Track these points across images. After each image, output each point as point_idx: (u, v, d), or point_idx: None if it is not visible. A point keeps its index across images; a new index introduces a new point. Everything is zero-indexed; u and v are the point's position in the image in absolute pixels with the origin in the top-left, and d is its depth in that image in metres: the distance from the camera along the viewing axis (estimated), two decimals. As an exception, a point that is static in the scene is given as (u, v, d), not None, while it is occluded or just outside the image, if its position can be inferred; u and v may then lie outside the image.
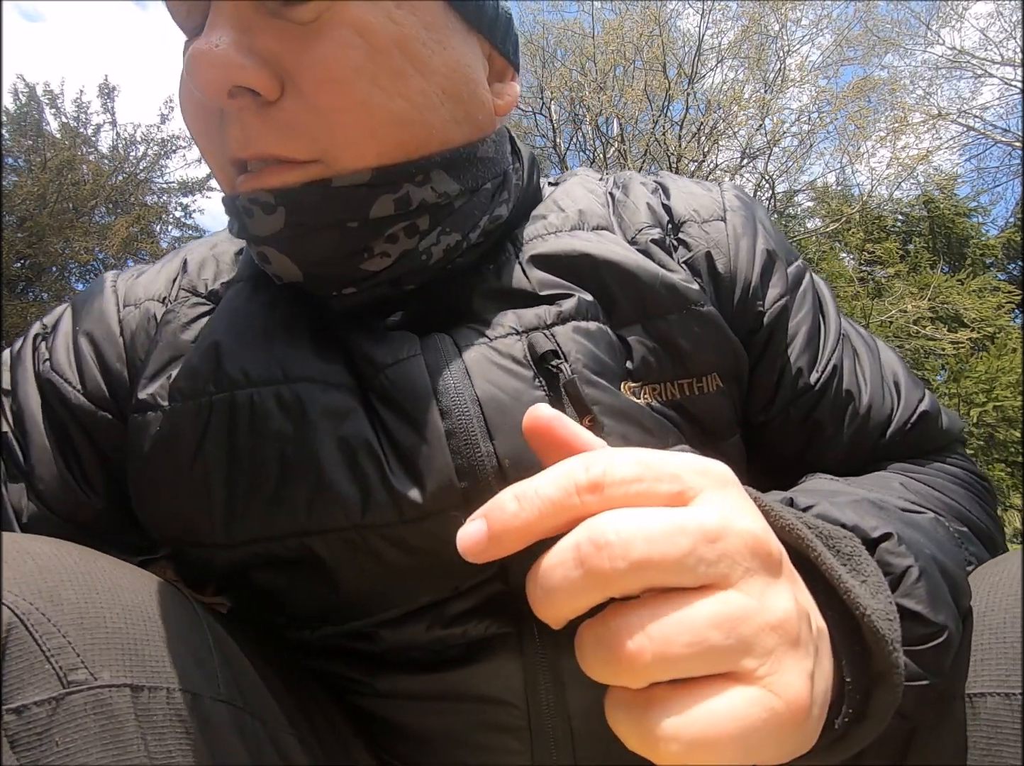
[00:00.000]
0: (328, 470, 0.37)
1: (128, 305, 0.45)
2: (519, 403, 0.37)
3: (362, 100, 0.36)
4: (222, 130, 0.37)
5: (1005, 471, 4.92)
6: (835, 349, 0.48)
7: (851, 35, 8.73)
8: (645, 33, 8.23)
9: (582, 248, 0.43)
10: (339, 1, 0.35)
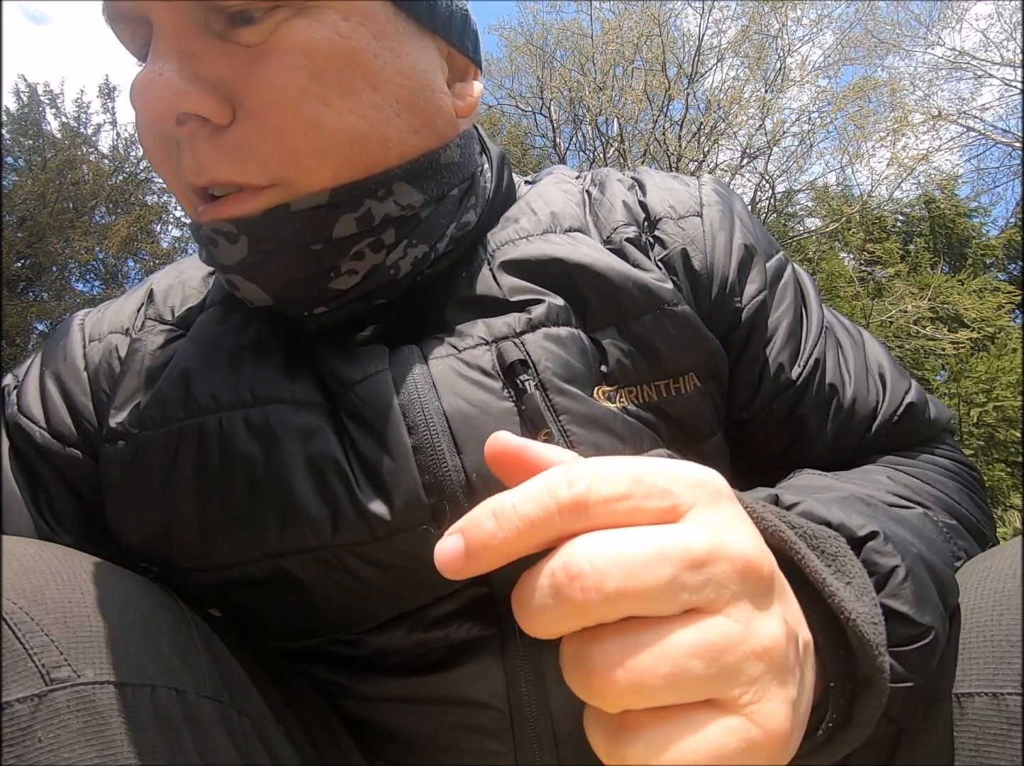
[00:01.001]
0: (297, 491, 0.37)
1: (93, 340, 0.45)
2: (487, 415, 0.37)
3: (311, 121, 0.35)
4: (179, 162, 0.36)
5: (1005, 471, 4.89)
6: (817, 342, 0.47)
7: (852, 36, 8.72)
8: (645, 33, 8.22)
9: (553, 252, 0.42)
10: (284, 22, 0.34)
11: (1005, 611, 0.31)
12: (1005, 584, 0.32)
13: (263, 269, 0.38)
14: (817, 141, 8.24)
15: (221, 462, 0.38)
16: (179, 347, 0.42)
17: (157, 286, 0.47)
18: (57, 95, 13.64)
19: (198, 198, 0.38)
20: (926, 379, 6.53)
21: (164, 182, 0.39)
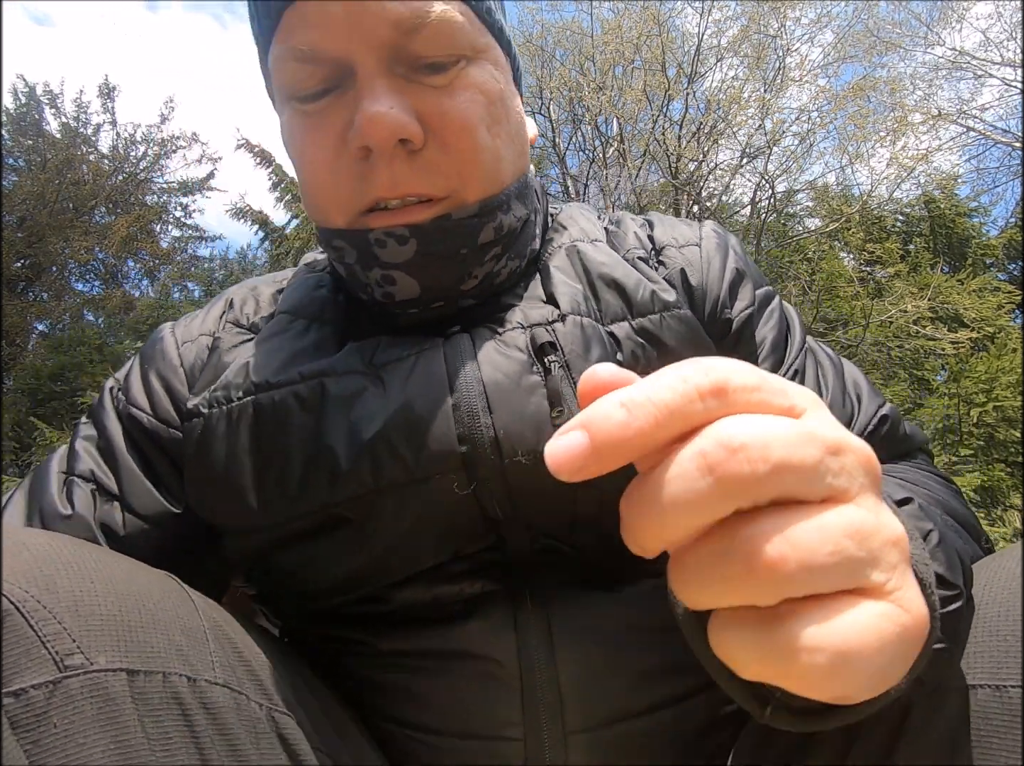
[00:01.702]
0: (343, 449, 0.42)
1: (186, 342, 0.53)
2: (517, 386, 0.43)
3: (483, 144, 0.45)
4: (362, 175, 0.44)
5: (1005, 471, 4.89)
6: (798, 357, 0.53)
7: (851, 35, 8.72)
8: (644, 33, 8.22)
9: (580, 257, 0.51)
10: (463, 69, 0.44)
11: (1012, 608, 0.32)
12: (1012, 583, 0.33)
13: (423, 268, 0.46)
14: (817, 141, 8.25)
15: (276, 433, 0.44)
16: (248, 345, 0.50)
17: (235, 297, 0.56)
18: (56, 95, 13.63)
19: (362, 209, 0.45)
20: (926, 379, 6.52)
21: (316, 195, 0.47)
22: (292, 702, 0.37)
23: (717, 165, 8.92)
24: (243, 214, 10.31)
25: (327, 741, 0.39)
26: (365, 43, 0.41)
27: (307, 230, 10.12)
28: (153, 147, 15.11)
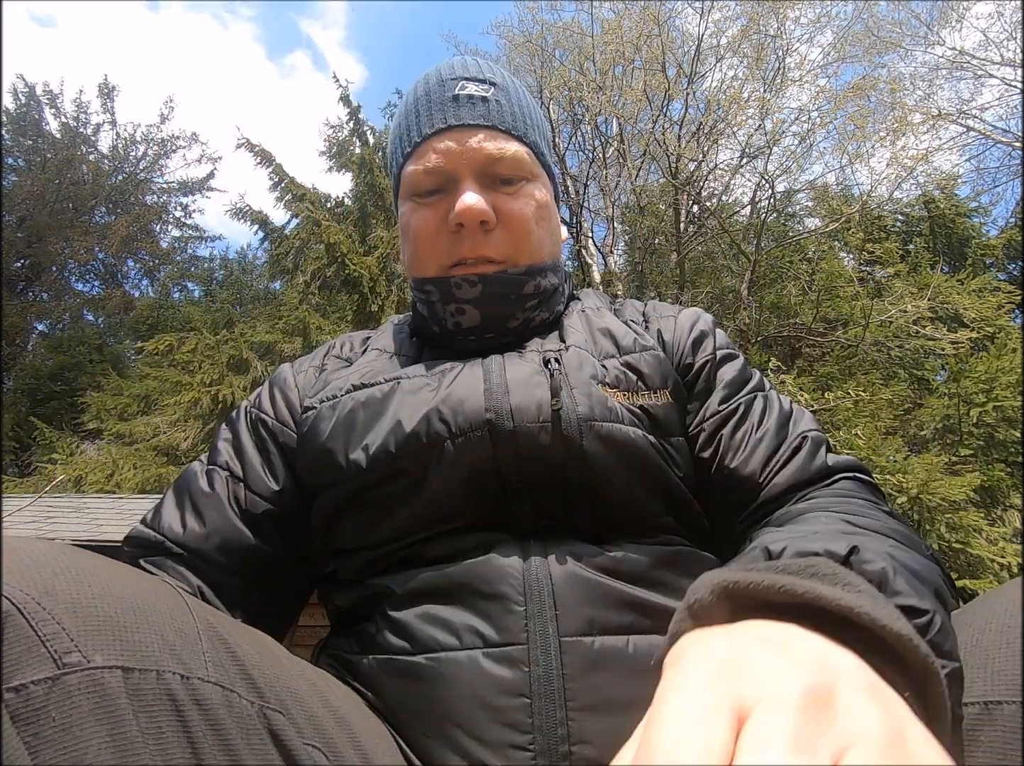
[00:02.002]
0: (407, 419, 0.58)
1: (299, 372, 0.71)
2: (529, 380, 0.60)
3: (532, 231, 0.68)
4: (454, 243, 0.66)
5: (1005, 471, 4.89)
6: (748, 394, 0.66)
7: (851, 34, 8.72)
8: (644, 32, 8.21)
9: (588, 318, 0.72)
10: (524, 184, 0.68)
11: (1007, 636, 0.34)
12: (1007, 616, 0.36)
13: (484, 304, 0.66)
14: (817, 141, 8.25)
15: (364, 414, 0.61)
16: (347, 369, 0.69)
17: (336, 342, 0.76)
18: (56, 95, 13.62)
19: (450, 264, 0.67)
20: (926, 379, 6.53)
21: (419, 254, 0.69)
22: (284, 699, 0.39)
23: (717, 165, 8.93)
24: (243, 214, 10.31)
25: (324, 735, 0.41)
26: (467, 166, 0.66)
27: (307, 230, 10.12)
28: (153, 147, 15.11)
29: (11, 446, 9.30)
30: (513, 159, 0.66)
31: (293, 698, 0.40)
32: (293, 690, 0.41)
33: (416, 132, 0.68)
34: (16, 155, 13.02)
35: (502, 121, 0.67)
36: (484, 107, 0.67)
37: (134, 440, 7.40)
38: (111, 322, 13.30)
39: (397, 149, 0.71)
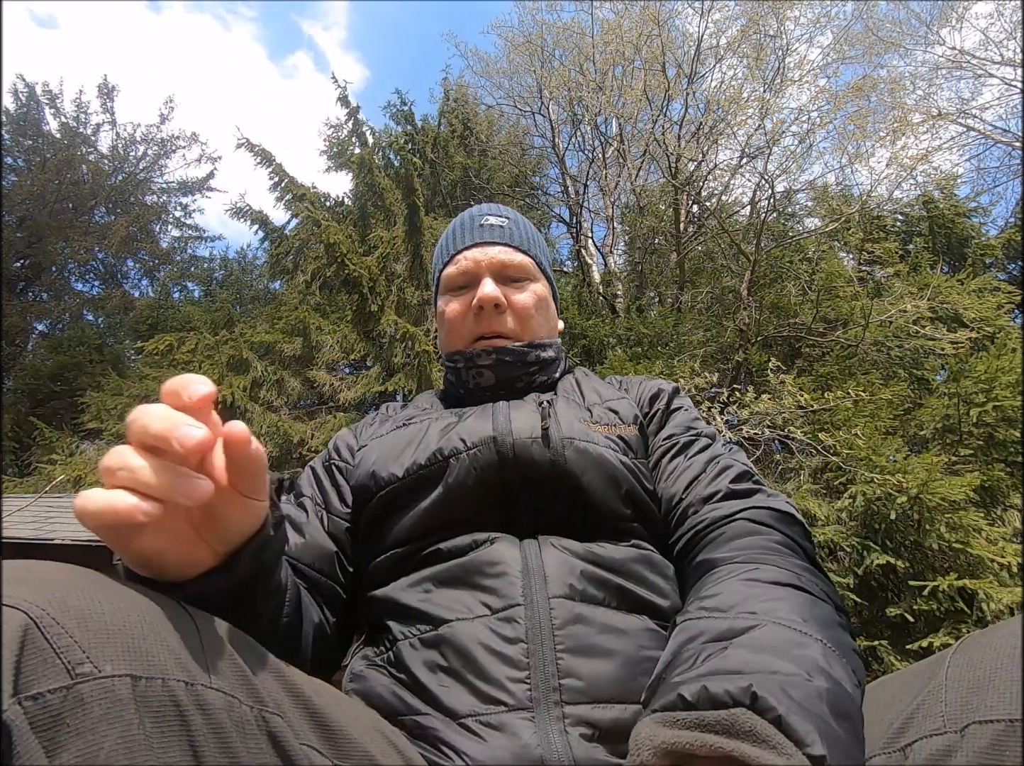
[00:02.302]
0: (434, 440, 0.76)
1: (356, 428, 0.93)
2: (529, 414, 0.78)
3: (533, 316, 0.91)
4: (475, 322, 0.90)
5: (1005, 471, 4.88)
6: (692, 436, 0.82)
7: (851, 34, 8.71)
8: (644, 33, 8.21)
9: (578, 380, 0.93)
10: (529, 283, 0.93)
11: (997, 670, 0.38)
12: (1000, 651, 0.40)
13: (497, 368, 0.88)
14: (816, 141, 8.24)
15: (405, 437, 0.80)
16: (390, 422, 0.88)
17: (383, 407, 0.97)
18: (56, 95, 13.60)
19: (472, 340, 0.91)
20: (926, 379, 6.52)
21: (449, 332, 0.93)
22: (282, 703, 0.42)
23: (717, 165, 8.92)
24: (243, 213, 10.30)
25: (324, 736, 0.45)
26: (487, 269, 0.91)
27: (306, 230, 10.12)
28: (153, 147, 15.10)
29: (11, 446, 9.30)
30: (520, 265, 0.92)
31: (292, 702, 0.43)
32: (292, 694, 0.44)
33: (453, 247, 0.94)
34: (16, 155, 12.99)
35: (512, 240, 0.94)
36: (501, 231, 0.94)
37: (134, 440, 7.40)
38: (111, 322, 13.29)
39: (439, 259, 0.98)
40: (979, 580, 3.92)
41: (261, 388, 8.06)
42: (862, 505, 4.43)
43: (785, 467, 5.60)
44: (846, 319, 6.94)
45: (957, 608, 3.93)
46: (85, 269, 14.44)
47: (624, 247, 11.86)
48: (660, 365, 5.98)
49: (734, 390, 5.47)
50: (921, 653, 3.96)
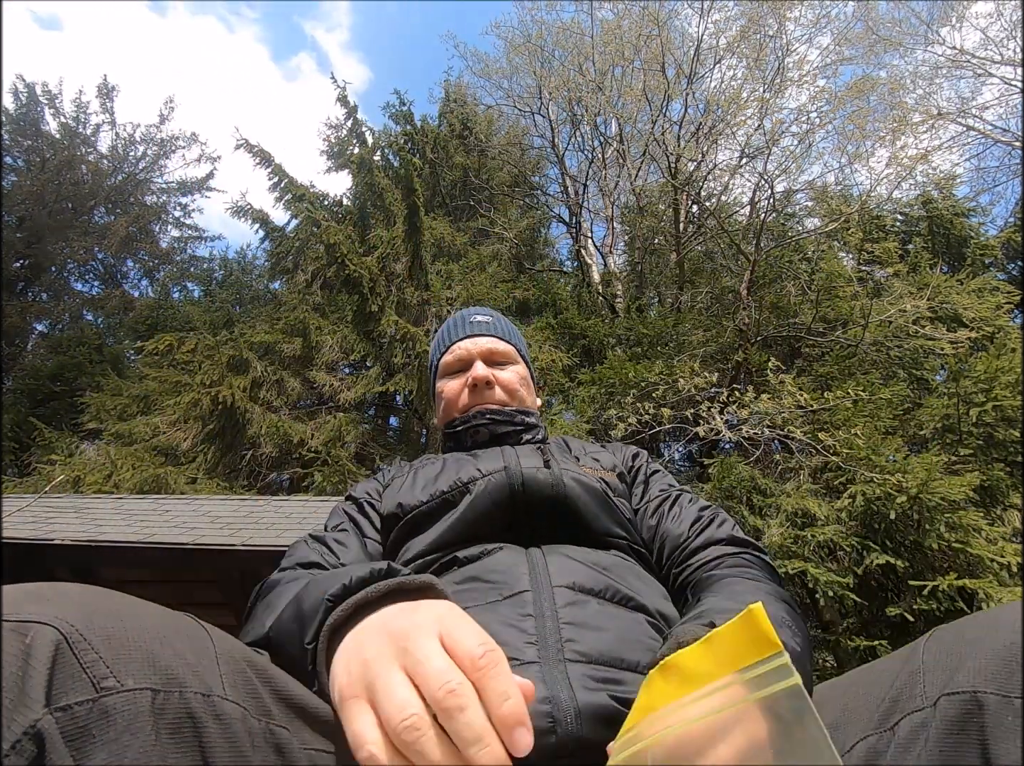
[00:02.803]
0: (452, 471, 0.91)
1: (377, 472, 1.07)
2: (532, 454, 0.93)
3: (517, 390, 1.08)
4: (470, 396, 1.06)
5: (1004, 471, 4.89)
6: (677, 490, 0.97)
7: (851, 34, 8.72)
8: (643, 33, 8.21)
9: (566, 440, 1.08)
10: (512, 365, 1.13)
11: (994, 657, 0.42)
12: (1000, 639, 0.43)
13: (490, 426, 1.02)
14: (816, 141, 8.25)
15: (425, 473, 0.94)
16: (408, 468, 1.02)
17: (394, 462, 1.11)
18: (55, 95, 13.60)
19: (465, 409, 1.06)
20: (925, 379, 6.52)
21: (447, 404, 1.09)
22: (289, 717, 0.45)
23: (716, 165, 8.92)
24: (243, 212, 10.30)
25: (333, 741, 0.47)
26: (478, 354, 1.08)
27: (306, 230, 10.12)
28: (152, 147, 15.09)
29: (10, 446, 9.29)
30: (504, 351, 1.12)
31: (298, 714, 0.47)
32: (295, 706, 0.47)
33: (448, 340, 1.13)
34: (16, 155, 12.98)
35: (497, 332, 1.13)
36: (487, 326, 1.14)
37: (133, 440, 7.39)
38: (111, 322, 13.29)
39: (436, 351, 1.16)
40: (979, 580, 3.92)
41: (261, 388, 8.06)
42: (862, 505, 4.43)
43: (785, 467, 5.60)
44: (846, 319, 6.94)
45: (957, 608, 3.93)
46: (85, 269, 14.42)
47: (624, 247, 11.87)
48: (660, 365, 5.98)
49: (734, 390, 5.48)
50: (921, 653, 3.96)
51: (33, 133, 13.11)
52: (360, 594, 0.51)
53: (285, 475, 8.15)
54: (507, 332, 1.16)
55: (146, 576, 3.63)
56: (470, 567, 0.78)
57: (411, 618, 0.45)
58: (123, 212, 14.19)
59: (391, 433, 9.58)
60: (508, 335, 1.15)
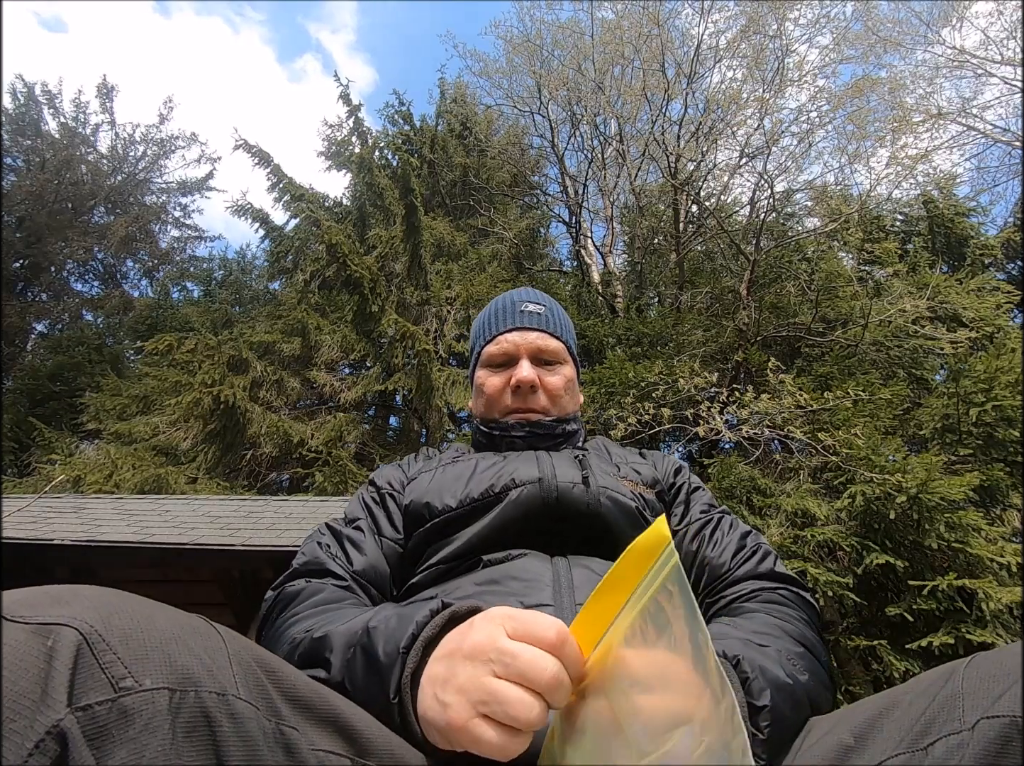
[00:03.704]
0: (486, 476, 0.88)
1: (402, 462, 1.04)
2: (570, 464, 0.90)
3: (561, 396, 1.02)
4: (512, 398, 1.00)
5: (1004, 471, 4.89)
6: (719, 513, 0.94)
7: (851, 34, 8.72)
8: (643, 33, 8.22)
9: (605, 443, 1.07)
10: (560, 366, 1.04)
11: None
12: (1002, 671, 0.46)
13: (529, 440, 0.98)
14: (816, 141, 8.25)
15: (455, 473, 0.91)
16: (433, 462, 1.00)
17: (420, 450, 1.08)
18: (55, 95, 13.59)
19: (507, 411, 1.01)
20: (925, 379, 6.52)
21: (487, 403, 1.03)
22: (297, 717, 0.46)
23: (716, 165, 8.92)
24: (244, 211, 10.30)
25: (343, 741, 0.48)
26: (525, 351, 1.02)
27: (306, 230, 10.12)
28: (152, 147, 15.08)
29: (10, 446, 9.29)
30: (554, 350, 1.04)
31: (307, 717, 0.47)
32: (303, 706, 0.48)
33: (495, 328, 1.06)
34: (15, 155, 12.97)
35: (548, 326, 1.05)
36: (539, 318, 1.05)
37: (133, 440, 7.39)
38: (110, 322, 13.28)
39: (480, 335, 1.09)
40: (978, 579, 3.92)
41: (261, 388, 8.06)
42: (861, 505, 4.43)
43: (785, 467, 5.60)
44: (845, 319, 6.94)
45: (956, 607, 3.93)
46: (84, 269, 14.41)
47: (623, 247, 11.87)
48: (660, 365, 5.98)
49: (733, 390, 5.48)
50: (920, 652, 3.96)
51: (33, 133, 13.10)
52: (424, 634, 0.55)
53: (285, 475, 8.15)
54: (559, 326, 1.07)
55: (146, 576, 3.63)
56: (493, 569, 0.77)
57: (476, 634, 0.49)
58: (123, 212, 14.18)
59: (391, 433, 9.58)
60: (560, 330, 1.07)
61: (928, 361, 6.51)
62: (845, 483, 4.75)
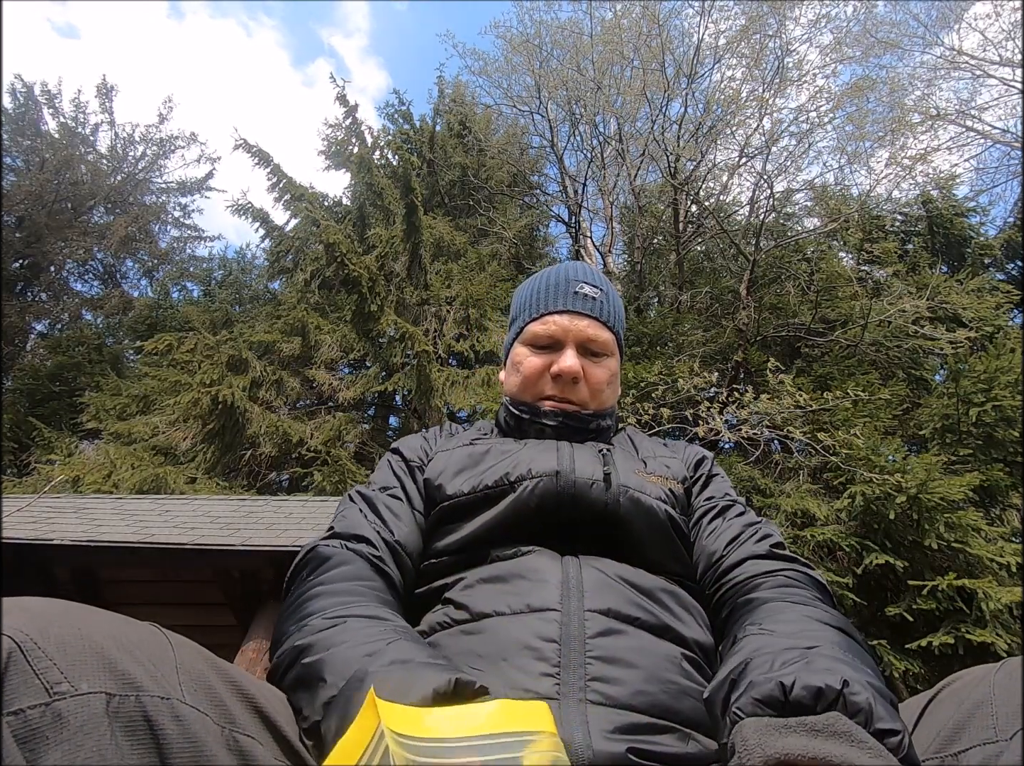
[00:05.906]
0: (498, 463, 0.85)
1: (428, 435, 1.01)
2: (590, 458, 0.85)
3: (603, 390, 0.95)
4: (551, 384, 0.94)
5: (1004, 471, 4.89)
6: (731, 500, 0.89)
7: (850, 35, 8.72)
8: (643, 32, 8.21)
9: (630, 436, 1.02)
10: (605, 358, 0.96)
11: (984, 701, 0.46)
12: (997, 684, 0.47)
13: (560, 431, 0.92)
14: (815, 141, 8.25)
15: (469, 461, 0.88)
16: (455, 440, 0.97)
17: (445, 424, 1.05)
18: (54, 95, 13.58)
19: (542, 397, 0.95)
20: (925, 379, 6.52)
21: (524, 386, 0.96)
22: (254, 724, 0.47)
23: (715, 165, 8.92)
24: (244, 210, 10.29)
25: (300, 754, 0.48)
26: (573, 338, 0.94)
27: (305, 230, 10.11)
28: (151, 147, 15.08)
29: (10, 446, 9.28)
30: (604, 342, 0.96)
31: (265, 724, 0.48)
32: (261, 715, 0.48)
33: (544, 306, 0.96)
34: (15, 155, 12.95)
35: (601, 315, 0.96)
36: (594, 303, 0.96)
37: (132, 440, 7.39)
38: (110, 322, 13.27)
39: (526, 309, 1.00)
40: (978, 579, 3.92)
41: (260, 388, 8.05)
42: (861, 505, 4.44)
43: (784, 467, 5.60)
44: (845, 319, 6.94)
45: (956, 607, 3.93)
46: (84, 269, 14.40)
47: (623, 247, 11.86)
48: (660, 365, 5.98)
49: (733, 390, 5.48)
50: (920, 652, 3.96)
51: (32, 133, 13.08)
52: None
53: (284, 475, 8.15)
54: (613, 314, 0.98)
55: (146, 576, 3.63)
56: (501, 565, 0.74)
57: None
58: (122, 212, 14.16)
59: (390, 432, 9.57)
60: (613, 319, 0.98)
61: (928, 361, 6.51)
62: (845, 483, 4.75)
